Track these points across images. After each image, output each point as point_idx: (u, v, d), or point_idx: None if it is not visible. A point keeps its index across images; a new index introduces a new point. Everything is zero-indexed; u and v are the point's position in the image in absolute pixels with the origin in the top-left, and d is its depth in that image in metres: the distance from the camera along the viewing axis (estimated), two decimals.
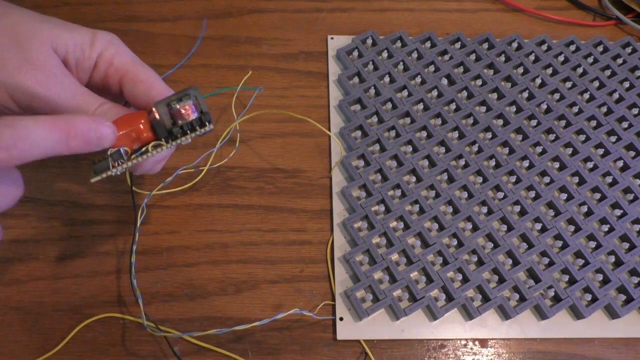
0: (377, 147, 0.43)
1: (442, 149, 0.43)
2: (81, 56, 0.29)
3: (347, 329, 0.36)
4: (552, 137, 0.44)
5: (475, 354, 0.37)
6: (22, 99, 0.28)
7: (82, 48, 0.29)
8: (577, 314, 0.38)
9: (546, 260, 0.39)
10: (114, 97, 0.32)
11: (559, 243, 0.40)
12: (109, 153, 0.28)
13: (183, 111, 0.29)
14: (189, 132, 0.29)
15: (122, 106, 0.30)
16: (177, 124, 0.29)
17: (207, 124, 0.30)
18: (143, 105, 0.31)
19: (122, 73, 0.30)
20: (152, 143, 0.29)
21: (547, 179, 0.42)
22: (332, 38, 0.49)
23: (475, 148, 0.43)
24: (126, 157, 0.29)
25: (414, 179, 0.41)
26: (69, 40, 0.29)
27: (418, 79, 0.46)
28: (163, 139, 0.29)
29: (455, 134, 0.43)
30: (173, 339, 0.35)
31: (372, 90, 0.45)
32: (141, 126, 0.29)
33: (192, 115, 0.29)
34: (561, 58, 0.48)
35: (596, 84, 0.47)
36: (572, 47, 0.49)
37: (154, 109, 0.28)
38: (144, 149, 0.29)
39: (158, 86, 0.30)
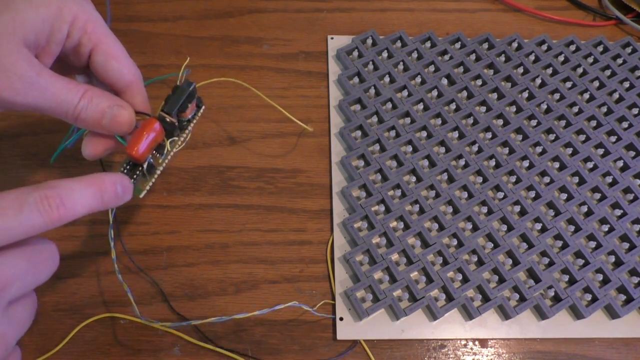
0: (377, 147, 0.43)
1: (442, 149, 0.43)
2: (50, 30, 0.28)
3: (347, 329, 0.36)
4: (552, 137, 0.44)
5: (475, 354, 0.37)
6: (3, 106, 0.27)
7: (50, 22, 0.28)
8: (577, 314, 0.38)
9: (546, 260, 0.39)
10: (81, 65, 0.32)
11: (559, 243, 0.40)
12: (144, 168, 0.32)
13: (190, 109, 0.32)
14: (192, 120, 0.34)
15: (103, 91, 0.30)
16: (182, 119, 0.32)
17: (202, 106, 0.34)
18: (109, 80, 0.31)
19: (95, 43, 0.30)
20: (169, 141, 0.32)
21: (547, 179, 0.42)
22: (332, 38, 0.49)
23: (475, 148, 0.43)
24: (155, 165, 0.32)
25: (414, 179, 0.41)
26: (35, 19, 0.27)
27: (418, 79, 0.46)
28: (176, 136, 0.33)
29: (455, 134, 0.43)
30: (173, 338, 0.35)
31: (372, 90, 0.45)
32: (159, 135, 0.31)
33: (195, 109, 0.33)
34: (561, 58, 0.48)
35: (596, 84, 0.47)
36: (572, 47, 0.49)
37: (167, 117, 0.31)
38: (165, 151, 0.32)
39: (129, 65, 0.31)
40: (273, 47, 0.48)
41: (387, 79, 0.45)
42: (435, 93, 0.45)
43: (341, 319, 0.37)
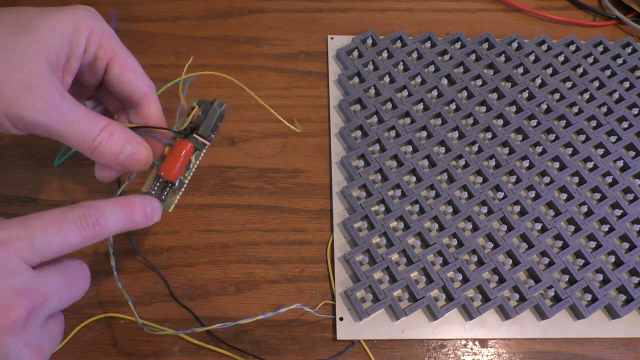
0: (377, 147, 0.43)
1: (442, 149, 0.43)
2: (69, 46, 0.29)
3: (347, 329, 0.36)
4: (552, 137, 0.44)
5: (475, 354, 0.37)
6: (23, 126, 0.27)
7: (69, 38, 0.28)
8: (577, 314, 0.38)
9: (546, 260, 0.39)
10: (96, 82, 0.32)
11: (559, 243, 0.40)
12: (176, 185, 0.33)
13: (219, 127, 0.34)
14: (215, 133, 0.34)
15: (123, 127, 0.30)
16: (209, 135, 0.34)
17: (223, 118, 0.35)
18: (126, 92, 0.31)
19: (111, 57, 0.30)
20: (193, 155, 0.33)
21: (547, 179, 0.42)
22: (332, 38, 0.49)
23: (475, 148, 0.43)
24: (183, 179, 0.33)
25: (414, 179, 0.41)
26: (55, 38, 0.28)
27: (418, 79, 0.46)
28: (201, 150, 0.34)
29: (455, 134, 0.43)
30: (173, 338, 0.35)
31: (372, 90, 0.45)
32: (191, 154, 0.33)
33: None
34: (561, 58, 0.48)
35: (596, 84, 0.47)
36: (572, 47, 0.49)
37: (200, 138, 0.33)
38: (191, 165, 0.33)
39: (144, 77, 0.32)
40: (273, 47, 0.48)
41: (387, 79, 0.45)
42: (435, 93, 0.45)
43: (341, 319, 0.37)
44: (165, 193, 0.33)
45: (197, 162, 0.34)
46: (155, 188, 0.33)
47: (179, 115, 0.40)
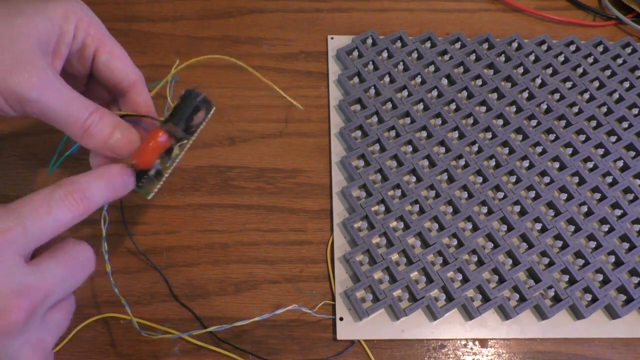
0: (377, 147, 0.43)
1: (442, 149, 0.43)
2: (59, 32, 0.29)
3: (347, 329, 0.36)
4: (552, 137, 0.44)
5: (475, 354, 0.37)
6: (15, 103, 0.27)
7: (59, 24, 0.29)
8: (577, 314, 0.38)
9: (546, 260, 0.39)
10: (84, 72, 0.32)
11: (559, 243, 0.40)
12: (152, 174, 0.32)
13: (198, 117, 0.33)
14: (202, 124, 0.33)
15: (111, 112, 0.30)
16: (191, 125, 0.32)
17: (212, 109, 0.34)
18: (114, 79, 0.32)
19: (98, 45, 0.31)
20: (177, 145, 0.32)
21: (547, 179, 0.42)
22: (332, 38, 0.49)
23: (475, 148, 0.43)
24: (162, 169, 0.32)
25: (414, 179, 0.41)
26: (46, 23, 0.28)
27: (418, 79, 0.46)
28: (185, 139, 0.33)
29: (455, 134, 0.43)
30: (173, 339, 0.35)
31: (372, 90, 0.45)
32: (166, 143, 0.31)
33: (203, 116, 0.33)
34: (561, 58, 0.48)
35: (596, 84, 0.47)
36: (572, 47, 0.49)
37: (173, 128, 0.31)
38: (173, 155, 0.32)
39: (131, 65, 0.32)
40: (273, 47, 0.48)
41: (387, 79, 0.45)
42: (435, 93, 0.45)
43: (341, 319, 0.37)
44: (143, 179, 0.32)
45: (182, 153, 0.33)
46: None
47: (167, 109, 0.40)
